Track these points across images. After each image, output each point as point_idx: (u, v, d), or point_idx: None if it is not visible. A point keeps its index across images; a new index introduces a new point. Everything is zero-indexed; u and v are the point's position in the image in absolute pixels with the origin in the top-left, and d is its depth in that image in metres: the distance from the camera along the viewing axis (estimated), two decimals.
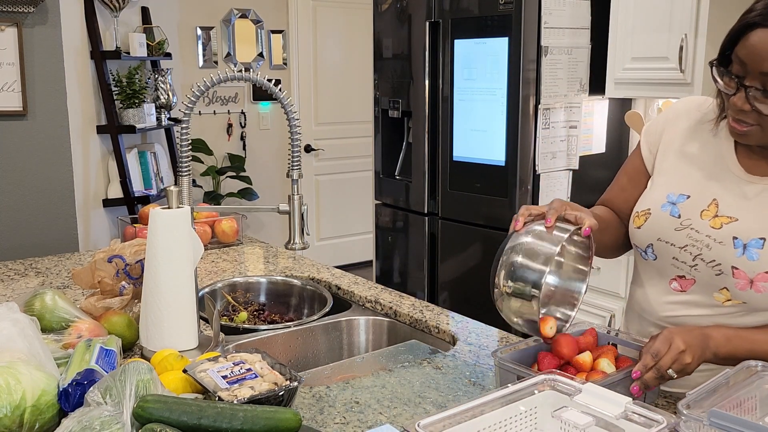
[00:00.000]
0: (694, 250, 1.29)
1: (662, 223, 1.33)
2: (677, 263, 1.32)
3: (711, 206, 1.30)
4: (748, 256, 1.23)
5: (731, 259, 1.24)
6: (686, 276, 1.31)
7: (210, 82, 1.52)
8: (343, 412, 1.30)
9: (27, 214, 2.97)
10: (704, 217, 1.29)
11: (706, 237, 1.28)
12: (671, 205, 1.33)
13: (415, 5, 3.37)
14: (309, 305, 2.03)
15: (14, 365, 1.15)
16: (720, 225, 1.27)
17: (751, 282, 1.23)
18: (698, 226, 1.29)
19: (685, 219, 1.31)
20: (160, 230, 1.48)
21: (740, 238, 1.24)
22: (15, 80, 2.87)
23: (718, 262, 1.26)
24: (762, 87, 1.15)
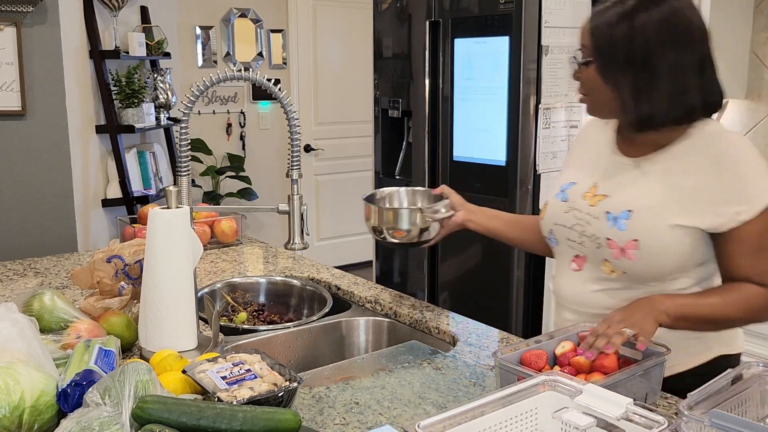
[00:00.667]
0: (578, 227, 1.46)
1: (555, 209, 1.52)
2: (570, 243, 1.49)
3: (591, 188, 1.47)
4: (618, 227, 1.38)
5: (605, 231, 1.40)
6: (579, 254, 1.48)
7: (209, 82, 1.51)
8: (343, 413, 1.29)
9: (26, 214, 2.97)
10: (585, 198, 1.47)
11: (586, 215, 1.45)
12: (561, 193, 1.52)
13: (415, 5, 3.37)
14: (309, 305, 2.03)
15: (13, 366, 1.14)
16: (595, 203, 1.44)
17: (622, 250, 1.38)
18: (580, 206, 1.47)
19: (571, 202, 1.49)
20: (159, 230, 1.47)
21: (612, 212, 1.40)
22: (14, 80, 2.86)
23: (597, 236, 1.42)
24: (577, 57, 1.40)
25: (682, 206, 1.34)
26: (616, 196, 1.41)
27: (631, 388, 1.23)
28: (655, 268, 1.37)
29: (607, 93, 1.37)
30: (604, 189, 1.44)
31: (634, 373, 1.23)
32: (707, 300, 1.36)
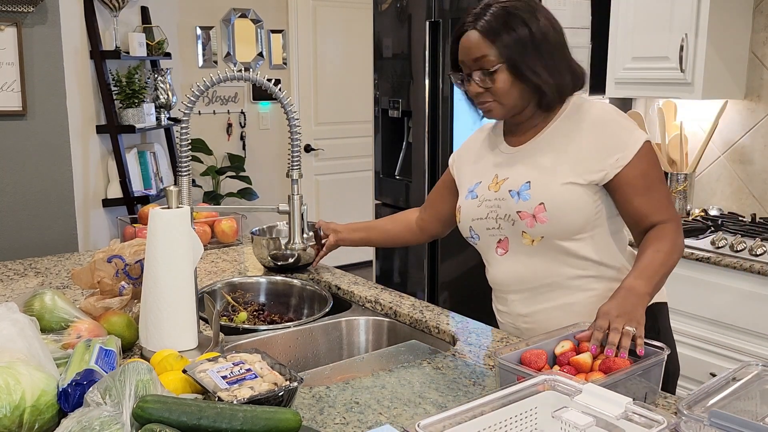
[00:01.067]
0: (492, 214, 1.61)
1: (468, 208, 1.66)
2: (491, 231, 1.62)
3: (493, 180, 1.63)
4: (523, 198, 1.55)
5: (514, 206, 1.56)
6: (501, 238, 1.62)
7: (210, 82, 1.51)
8: (343, 413, 1.30)
9: (26, 214, 2.97)
10: (490, 189, 1.63)
11: (494, 201, 1.60)
12: (470, 193, 1.67)
13: (415, 5, 3.37)
14: (309, 305, 2.03)
15: (14, 365, 1.14)
16: (499, 188, 1.61)
17: (534, 216, 1.53)
18: (488, 196, 1.62)
19: (480, 196, 1.64)
20: (160, 230, 1.47)
21: (513, 189, 1.57)
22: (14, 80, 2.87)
23: (508, 214, 1.57)
24: (479, 68, 1.52)
25: (571, 167, 1.53)
26: (513, 175, 1.59)
27: (631, 388, 1.23)
28: (566, 224, 1.53)
29: (520, 88, 1.53)
30: (503, 175, 1.61)
31: (634, 373, 1.23)
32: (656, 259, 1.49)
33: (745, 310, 2.41)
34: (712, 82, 2.80)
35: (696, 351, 2.55)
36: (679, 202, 3.07)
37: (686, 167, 3.08)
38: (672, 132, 3.12)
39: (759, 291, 2.36)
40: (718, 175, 3.11)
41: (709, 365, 2.51)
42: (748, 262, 2.38)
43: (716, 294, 2.49)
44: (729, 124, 3.04)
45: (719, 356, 2.49)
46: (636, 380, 1.24)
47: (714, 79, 2.80)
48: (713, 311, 2.51)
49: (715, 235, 2.58)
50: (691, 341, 2.55)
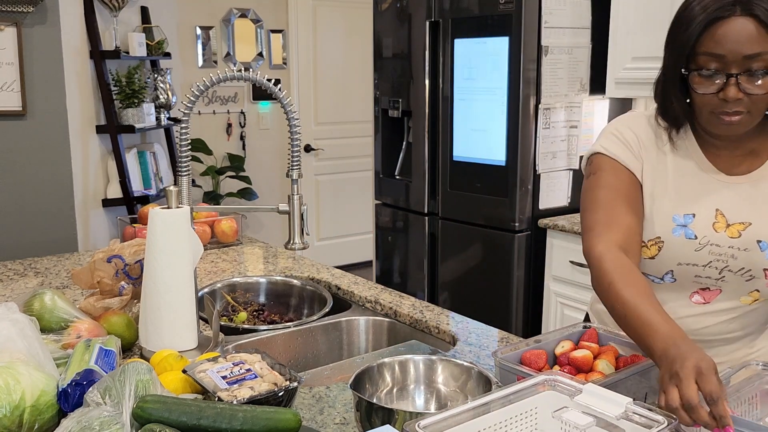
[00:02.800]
0: (719, 264, 1.30)
1: (680, 248, 1.32)
2: (700, 279, 1.33)
3: (718, 217, 1.31)
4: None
5: (761, 263, 1.28)
6: (710, 288, 1.33)
7: (209, 82, 1.51)
8: (343, 413, 1.29)
9: (26, 214, 2.97)
10: (718, 230, 1.30)
11: (728, 249, 1.29)
12: (683, 228, 1.32)
13: (415, 5, 3.37)
14: (309, 305, 2.03)
15: (13, 365, 1.14)
16: (738, 233, 1.29)
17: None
18: (717, 241, 1.30)
19: (702, 237, 1.31)
20: (160, 230, 1.47)
21: (764, 240, 1.28)
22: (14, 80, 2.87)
23: (748, 269, 1.29)
24: (747, 70, 1.18)
25: None
26: (759, 221, 1.29)
27: (631, 388, 1.23)
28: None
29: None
30: (736, 215, 1.30)
31: (634, 373, 1.23)
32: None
33: None
34: None
35: None
36: None
37: None
38: None
39: None
40: None
41: None
42: None
43: None
44: None
45: None
46: (636, 380, 1.24)
47: None
48: None
49: None
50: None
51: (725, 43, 1.18)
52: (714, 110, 1.23)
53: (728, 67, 1.19)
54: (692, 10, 1.22)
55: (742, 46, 1.17)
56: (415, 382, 1.29)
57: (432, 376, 1.29)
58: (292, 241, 1.61)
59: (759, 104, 1.21)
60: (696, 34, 1.21)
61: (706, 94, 1.23)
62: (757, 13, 1.16)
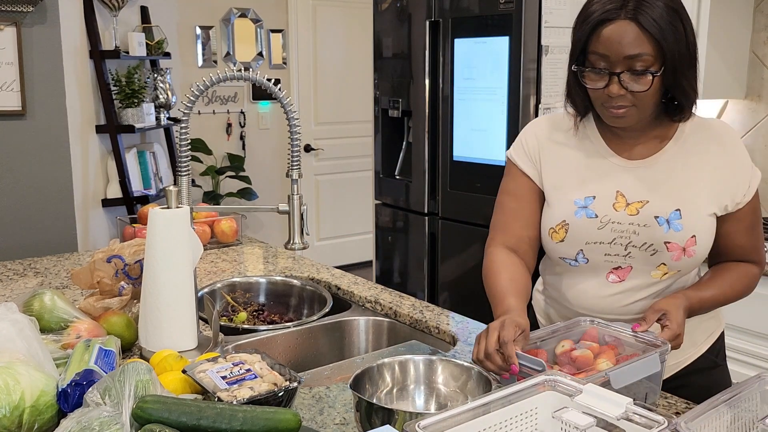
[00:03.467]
0: (622, 240, 1.40)
1: (583, 227, 1.42)
2: (610, 257, 1.42)
3: (618, 197, 1.41)
4: (674, 229, 1.36)
5: (661, 236, 1.37)
6: (621, 266, 1.42)
7: (209, 82, 1.51)
8: (343, 413, 1.29)
9: (26, 214, 2.97)
10: (618, 209, 1.40)
11: (629, 225, 1.39)
12: (584, 209, 1.42)
13: (415, 4, 3.37)
14: (309, 305, 2.03)
15: (13, 365, 1.14)
16: (636, 211, 1.39)
17: (683, 250, 1.37)
18: (617, 218, 1.40)
19: (603, 216, 1.41)
20: (160, 230, 1.47)
21: (660, 216, 1.37)
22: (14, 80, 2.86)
23: (650, 243, 1.38)
24: (629, 69, 1.29)
25: (709, 194, 1.38)
26: (656, 199, 1.38)
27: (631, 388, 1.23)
28: (702, 256, 1.41)
29: (659, 96, 1.34)
30: (635, 195, 1.40)
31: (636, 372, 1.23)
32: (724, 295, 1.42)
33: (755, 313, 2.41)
34: (712, 82, 2.79)
35: None
36: None
37: None
38: None
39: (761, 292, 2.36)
40: None
41: None
42: None
43: None
44: (730, 124, 3.03)
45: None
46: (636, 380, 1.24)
47: (714, 78, 2.80)
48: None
49: None
50: None
51: (609, 44, 1.29)
52: (603, 104, 1.35)
53: (612, 66, 1.30)
54: (588, 9, 1.34)
55: (623, 47, 1.28)
56: (415, 382, 1.29)
57: (432, 376, 1.29)
58: (292, 241, 1.61)
59: (644, 99, 1.31)
60: (586, 34, 1.33)
61: (596, 89, 1.34)
62: (638, 17, 1.26)
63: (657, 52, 1.28)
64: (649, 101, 1.33)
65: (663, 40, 1.27)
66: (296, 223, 1.60)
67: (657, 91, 1.32)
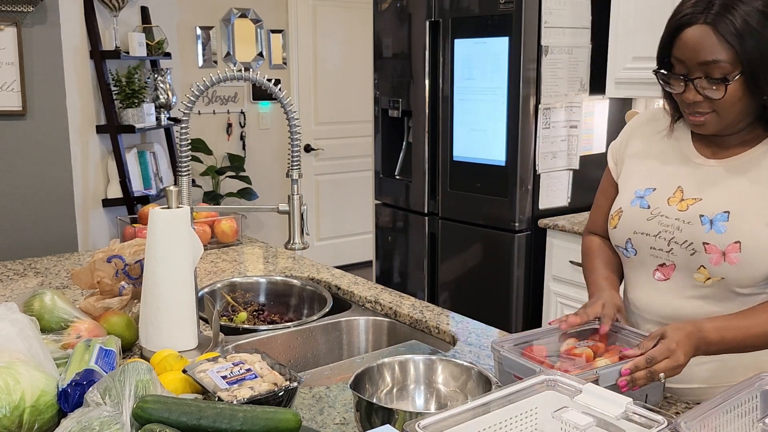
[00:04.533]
0: (666, 234, 1.38)
1: (634, 216, 1.43)
2: (655, 252, 1.41)
3: (676, 193, 1.40)
4: (716, 230, 1.32)
5: (701, 236, 1.34)
6: (666, 263, 1.40)
7: (209, 82, 1.51)
8: (343, 413, 1.30)
9: (26, 214, 2.97)
10: (671, 203, 1.40)
11: (675, 220, 1.38)
12: (639, 199, 1.44)
13: (415, 5, 3.37)
14: (309, 305, 2.03)
15: (13, 365, 1.14)
16: (686, 207, 1.37)
17: (723, 254, 1.31)
18: (667, 212, 1.39)
19: (654, 208, 1.41)
20: (160, 230, 1.47)
21: (706, 215, 1.34)
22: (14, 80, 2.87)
23: (690, 242, 1.35)
24: (705, 75, 1.27)
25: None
26: (709, 198, 1.35)
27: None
28: (755, 272, 1.31)
29: (746, 103, 1.28)
30: (692, 193, 1.38)
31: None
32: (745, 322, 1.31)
33: None
34: None
35: None
36: None
37: None
38: None
39: None
40: None
41: None
42: None
43: None
44: None
45: None
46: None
47: None
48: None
49: None
50: None
51: (686, 49, 1.27)
52: (685, 109, 1.34)
53: (689, 72, 1.28)
54: (677, 9, 1.31)
55: (698, 53, 1.26)
56: (415, 382, 1.29)
57: (432, 376, 1.29)
58: (292, 241, 1.62)
59: (724, 106, 1.28)
60: (668, 37, 1.31)
61: (675, 94, 1.33)
62: (716, 22, 1.23)
63: (734, 58, 1.23)
64: (730, 108, 1.28)
65: (740, 46, 1.22)
66: (296, 223, 1.60)
67: (740, 98, 1.27)
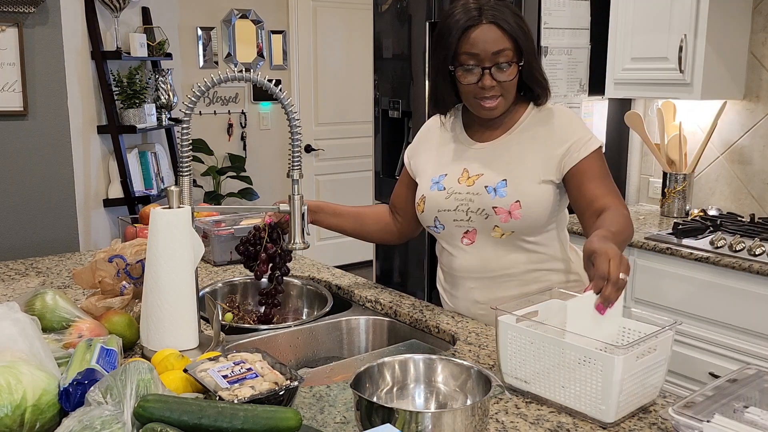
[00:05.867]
0: (463, 207, 1.69)
1: (435, 198, 1.73)
2: (458, 222, 1.71)
3: (463, 173, 1.72)
4: (500, 195, 1.64)
5: (489, 202, 1.65)
6: (468, 230, 1.70)
7: (210, 83, 1.52)
8: (344, 412, 1.30)
9: (28, 214, 2.98)
10: (461, 182, 1.71)
11: (467, 194, 1.68)
12: (436, 184, 1.75)
13: (415, 6, 3.37)
14: (309, 305, 2.03)
15: (15, 365, 1.15)
16: (473, 183, 1.69)
17: (509, 213, 1.64)
18: (459, 189, 1.70)
19: (449, 189, 1.72)
20: (161, 230, 1.48)
21: (490, 185, 1.66)
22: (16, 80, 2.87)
23: (482, 208, 1.66)
24: (495, 63, 1.59)
25: (542, 164, 1.65)
26: (488, 172, 1.68)
27: None
28: (535, 221, 1.65)
29: (515, 84, 1.63)
30: (476, 170, 1.70)
31: None
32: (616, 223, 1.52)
33: (744, 310, 2.42)
34: (711, 83, 2.80)
35: (695, 351, 2.55)
36: (678, 202, 3.07)
37: (685, 167, 3.09)
38: (671, 132, 3.12)
39: (757, 291, 2.37)
40: (717, 175, 3.12)
41: (708, 365, 2.51)
42: (747, 262, 2.38)
43: (715, 294, 2.49)
44: (728, 125, 3.04)
45: (719, 356, 2.50)
46: None
47: (713, 79, 2.81)
48: (712, 311, 2.52)
49: (713, 235, 2.59)
50: (691, 341, 2.56)
51: (477, 45, 1.58)
52: (476, 96, 1.63)
53: (482, 62, 1.59)
54: (449, 21, 1.62)
55: (489, 45, 1.58)
56: (415, 381, 1.30)
57: (432, 375, 1.30)
58: (293, 241, 1.62)
59: (508, 87, 1.62)
60: (456, 39, 1.60)
61: (469, 85, 1.62)
62: (496, 20, 1.58)
63: (515, 46, 1.59)
64: (513, 90, 1.64)
65: (518, 36, 1.59)
66: (297, 223, 1.61)
67: (516, 79, 1.62)
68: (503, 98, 1.64)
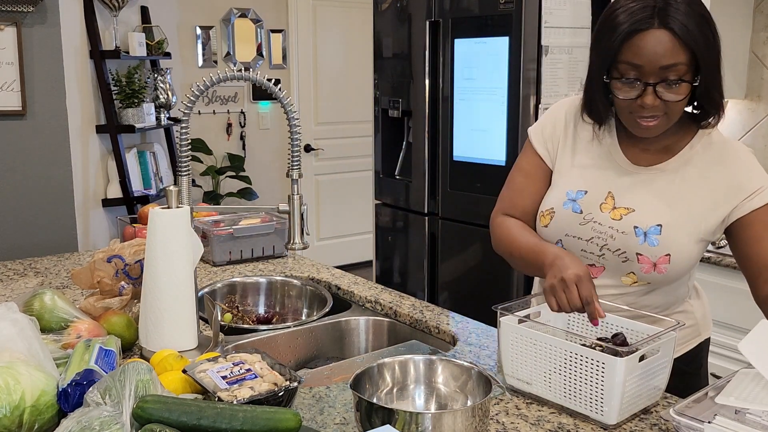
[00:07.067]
0: (599, 241, 1.42)
1: (567, 220, 1.45)
2: (585, 254, 1.45)
3: (608, 198, 1.43)
4: (650, 243, 1.37)
5: (635, 247, 1.38)
6: (596, 264, 1.45)
7: (209, 82, 1.51)
8: (343, 413, 1.30)
9: (26, 214, 2.97)
10: (604, 210, 1.42)
11: (609, 228, 1.41)
12: (572, 202, 1.45)
13: (416, 5, 3.37)
14: (309, 305, 2.03)
15: (13, 365, 1.14)
16: (620, 216, 1.41)
17: (654, 265, 1.38)
18: (600, 219, 1.42)
19: (587, 213, 1.43)
20: (160, 230, 1.47)
21: (640, 227, 1.38)
22: (14, 80, 2.87)
23: (623, 251, 1.40)
24: (663, 79, 1.28)
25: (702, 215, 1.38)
26: (642, 209, 1.39)
27: None
28: (678, 275, 1.41)
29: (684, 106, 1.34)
30: (623, 201, 1.42)
31: None
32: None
33: (744, 310, 2.41)
34: None
35: None
36: None
37: None
38: None
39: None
40: None
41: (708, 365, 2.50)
42: None
43: (716, 294, 2.49)
44: (729, 124, 3.04)
45: (719, 356, 2.50)
46: None
47: None
48: (713, 311, 2.51)
49: None
50: None
51: (643, 55, 1.27)
52: (633, 113, 1.34)
53: (646, 76, 1.28)
54: (616, 18, 1.30)
55: (658, 57, 1.26)
56: (415, 382, 1.29)
57: (432, 376, 1.29)
58: (293, 241, 1.62)
59: (674, 108, 1.31)
60: (618, 44, 1.29)
61: (626, 99, 1.32)
62: (673, 26, 1.25)
63: (691, 60, 1.27)
64: (680, 110, 1.33)
65: (697, 48, 1.26)
66: (296, 223, 1.60)
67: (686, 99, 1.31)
68: (666, 117, 1.32)
